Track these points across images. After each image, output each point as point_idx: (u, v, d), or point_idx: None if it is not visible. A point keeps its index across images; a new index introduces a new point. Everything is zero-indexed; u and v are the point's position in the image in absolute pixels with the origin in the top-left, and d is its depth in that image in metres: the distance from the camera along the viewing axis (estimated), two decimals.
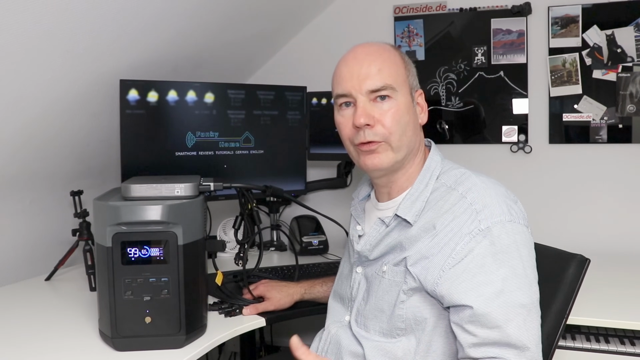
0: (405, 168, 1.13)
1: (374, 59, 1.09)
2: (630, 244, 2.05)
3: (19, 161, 1.63)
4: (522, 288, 0.96)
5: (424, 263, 1.03)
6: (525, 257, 0.99)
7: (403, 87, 1.10)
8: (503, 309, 0.94)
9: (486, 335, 0.95)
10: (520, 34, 2.14)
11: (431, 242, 1.03)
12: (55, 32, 1.35)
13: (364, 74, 1.07)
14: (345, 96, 1.10)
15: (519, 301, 0.95)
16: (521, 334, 0.94)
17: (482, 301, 0.95)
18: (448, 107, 2.24)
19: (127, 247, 1.16)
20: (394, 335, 1.07)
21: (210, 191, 1.31)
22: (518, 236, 1.00)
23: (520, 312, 0.95)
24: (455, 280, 0.98)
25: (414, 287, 1.04)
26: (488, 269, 0.97)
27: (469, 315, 0.96)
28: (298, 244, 2.07)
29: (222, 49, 2.07)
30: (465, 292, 0.97)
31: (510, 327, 0.94)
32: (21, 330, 1.32)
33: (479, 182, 1.06)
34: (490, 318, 0.94)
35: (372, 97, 1.08)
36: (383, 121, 1.07)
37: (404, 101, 1.09)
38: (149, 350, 1.18)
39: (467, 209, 1.02)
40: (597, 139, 2.08)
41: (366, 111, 1.07)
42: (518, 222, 1.01)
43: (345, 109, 1.12)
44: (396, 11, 2.28)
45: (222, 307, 1.42)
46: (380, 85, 1.07)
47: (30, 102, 1.48)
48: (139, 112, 1.77)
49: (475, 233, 0.99)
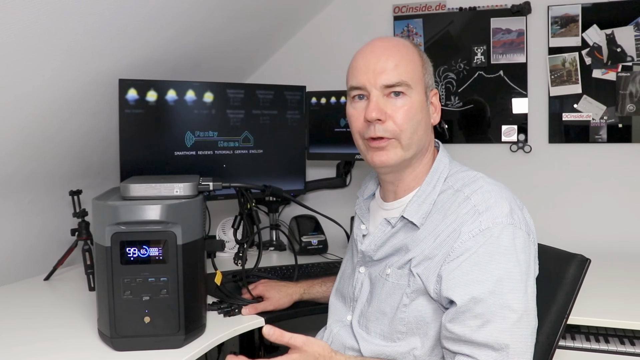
0: (413, 167, 1.12)
1: (392, 54, 1.08)
2: (630, 243, 2.05)
3: (17, 161, 1.63)
4: (515, 292, 0.95)
5: (426, 263, 1.03)
6: (522, 263, 0.98)
7: (418, 85, 1.09)
8: (491, 309, 0.93)
9: (461, 331, 0.94)
10: (519, 33, 2.13)
11: (434, 243, 1.03)
12: (54, 31, 1.34)
13: (380, 68, 1.06)
14: (359, 89, 1.09)
15: (509, 305, 0.94)
16: (502, 337, 0.92)
17: (467, 299, 0.94)
18: (448, 106, 2.24)
19: (126, 247, 1.16)
20: (394, 339, 1.06)
21: (209, 191, 1.31)
22: (517, 240, 0.99)
23: (507, 316, 0.93)
24: (448, 275, 0.98)
25: (417, 289, 1.03)
26: (482, 267, 0.96)
27: (452, 312, 0.96)
28: (297, 244, 2.07)
29: (222, 48, 2.07)
30: (454, 287, 0.96)
31: (489, 329, 0.93)
32: (20, 331, 1.32)
33: (485, 184, 1.05)
34: (470, 315, 0.94)
35: (386, 92, 1.07)
36: (395, 117, 1.06)
37: (418, 99, 1.08)
38: (148, 350, 1.18)
39: (470, 210, 1.02)
40: (596, 139, 2.08)
41: (379, 106, 1.06)
42: (519, 227, 1.00)
43: (358, 102, 1.11)
44: (395, 10, 2.28)
45: (221, 307, 1.41)
46: (395, 81, 1.06)
47: (29, 102, 1.48)
48: (138, 112, 1.76)
49: (475, 233, 0.99)
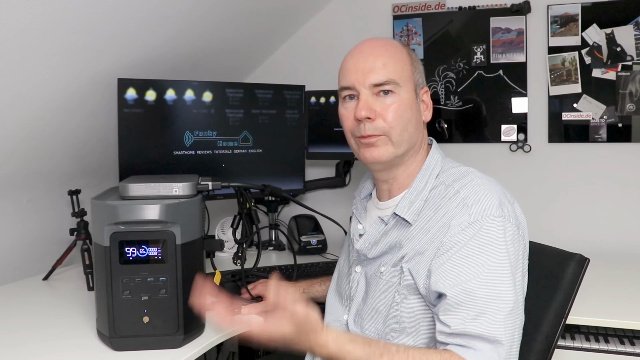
0: (406, 164, 1.13)
1: (380, 54, 1.09)
2: (629, 243, 2.05)
3: (16, 160, 1.62)
4: (506, 283, 0.95)
5: (417, 259, 1.03)
6: (512, 255, 0.98)
7: (407, 83, 1.10)
8: (483, 300, 0.93)
9: (454, 323, 0.94)
10: (519, 32, 2.13)
11: (425, 238, 1.04)
12: (53, 30, 1.34)
13: (369, 67, 1.08)
14: (349, 89, 1.11)
15: (502, 296, 0.94)
16: (496, 328, 0.92)
17: (458, 290, 0.94)
18: (447, 106, 2.24)
19: (125, 247, 1.15)
20: (387, 337, 1.06)
21: (208, 190, 1.30)
22: (507, 232, 0.99)
23: (500, 307, 0.93)
24: (438, 268, 0.98)
25: (408, 286, 1.04)
26: (473, 260, 0.96)
27: (444, 305, 0.96)
28: (296, 244, 2.07)
29: (221, 47, 2.06)
30: (445, 279, 0.96)
31: (484, 320, 0.92)
32: (18, 330, 1.32)
33: (475, 179, 1.06)
34: (463, 307, 0.93)
35: (375, 91, 1.09)
36: (385, 115, 1.08)
37: (407, 97, 1.10)
38: (147, 350, 1.17)
39: (460, 203, 1.02)
40: (596, 138, 2.07)
41: (368, 104, 1.08)
42: (509, 220, 1.01)
43: (348, 102, 1.13)
44: (395, 10, 2.28)
45: None
46: (384, 79, 1.07)
47: (28, 101, 1.48)
48: (137, 111, 1.76)
49: (464, 226, 0.99)
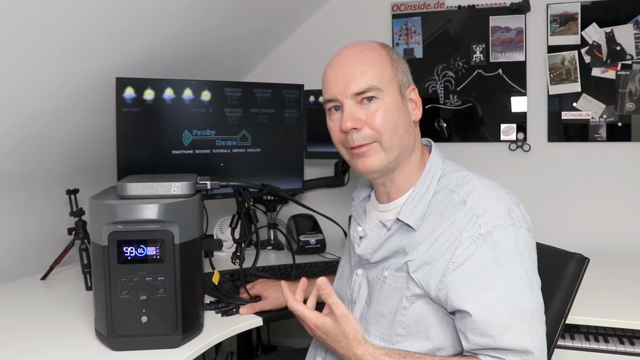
0: (402, 167, 1.12)
1: (357, 61, 1.07)
2: (629, 242, 2.05)
3: (14, 159, 1.62)
4: (525, 292, 0.96)
5: (426, 269, 1.02)
6: (527, 261, 0.99)
7: (390, 85, 1.08)
8: (506, 313, 0.94)
9: (486, 342, 0.95)
10: (518, 31, 2.13)
11: (432, 247, 1.03)
12: (51, 29, 1.34)
13: (348, 77, 1.06)
14: (332, 101, 1.10)
15: (523, 305, 0.95)
16: (524, 340, 0.94)
17: (481, 307, 0.95)
18: (446, 105, 2.24)
19: (123, 246, 1.15)
20: (393, 342, 1.06)
21: (207, 190, 1.30)
22: (520, 240, 0.99)
23: (524, 317, 0.94)
24: (455, 284, 0.98)
25: (418, 294, 1.03)
26: (489, 273, 0.96)
27: (469, 323, 0.96)
28: (295, 243, 2.06)
29: (219, 46, 2.06)
30: (465, 297, 0.96)
31: (511, 333, 0.94)
32: (16, 330, 1.31)
33: (480, 184, 1.05)
34: (490, 325, 0.94)
35: (358, 100, 1.07)
36: (371, 122, 1.06)
37: (391, 100, 1.07)
38: (145, 349, 1.17)
39: (468, 213, 1.01)
40: (596, 137, 2.07)
41: (352, 115, 1.06)
42: (520, 225, 1.00)
43: (334, 113, 1.11)
44: (394, 8, 2.27)
45: (219, 306, 1.41)
46: (364, 87, 1.05)
47: (26, 100, 1.47)
48: (135, 110, 1.76)
49: (475, 237, 0.98)
